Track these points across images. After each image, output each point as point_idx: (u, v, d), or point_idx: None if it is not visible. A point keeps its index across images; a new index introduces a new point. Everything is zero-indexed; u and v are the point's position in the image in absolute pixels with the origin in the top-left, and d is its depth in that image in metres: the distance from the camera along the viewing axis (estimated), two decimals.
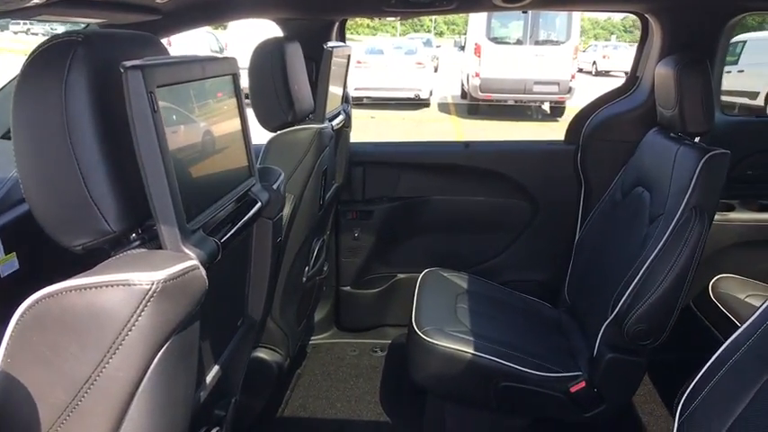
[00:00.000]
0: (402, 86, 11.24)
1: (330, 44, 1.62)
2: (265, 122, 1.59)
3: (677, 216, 1.50)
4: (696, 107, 1.58)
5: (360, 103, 11.57)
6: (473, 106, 10.99)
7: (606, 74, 21.54)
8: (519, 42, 10.30)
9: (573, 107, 11.23)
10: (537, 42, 10.23)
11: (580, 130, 2.16)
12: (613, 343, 1.61)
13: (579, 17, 10.53)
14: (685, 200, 1.49)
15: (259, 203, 0.98)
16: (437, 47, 21.32)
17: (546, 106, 11.34)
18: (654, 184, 1.68)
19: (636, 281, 1.53)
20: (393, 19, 2.09)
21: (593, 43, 25.35)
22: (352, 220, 2.31)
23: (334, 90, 1.80)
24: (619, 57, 21.96)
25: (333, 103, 1.79)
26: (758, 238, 2.04)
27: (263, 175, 1.10)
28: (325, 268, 1.98)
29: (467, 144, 2.27)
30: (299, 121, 1.61)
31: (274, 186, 1.08)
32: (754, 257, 2.07)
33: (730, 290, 1.92)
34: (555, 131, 9.66)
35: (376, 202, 2.31)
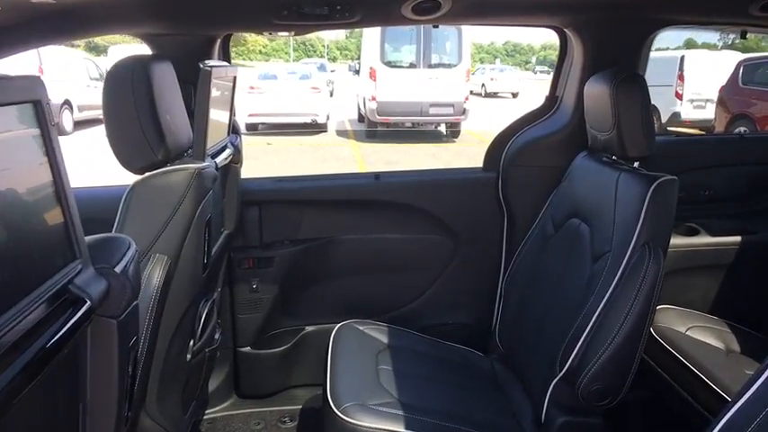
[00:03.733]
0: (298, 112, 10.99)
1: (208, 63, 1.29)
2: (127, 163, 1.22)
3: (628, 254, 1.31)
4: (636, 129, 1.42)
5: (255, 130, 11.17)
6: (371, 129, 10.90)
7: (495, 95, 22.54)
8: (413, 66, 10.42)
9: (476, 131, 11.52)
10: (430, 66, 10.41)
11: (499, 156, 1.97)
12: (564, 404, 1.39)
13: (469, 41, 10.84)
14: (635, 235, 1.31)
15: (88, 304, 0.64)
16: (332, 71, 21.30)
17: (442, 128, 11.51)
18: (593, 217, 1.49)
19: (587, 332, 1.32)
20: (285, 35, 1.78)
21: (480, 66, 26.49)
22: (248, 269, 1.96)
23: (219, 119, 1.47)
24: (505, 79, 23.17)
25: (217, 135, 1.45)
26: (689, 264, 1.94)
27: (101, 251, 0.74)
28: (217, 336, 1.62)
29: (377, 176, 2.01)
30: (173, 159, 1.26)
31: (119, 268, 0.73)
32: (686, 285, 1.96)
33: (670, 323, 1.78)
34: (451, 152, 9.77)
35: (276, 246, 1.98)
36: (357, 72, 12.22)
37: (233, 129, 1.69)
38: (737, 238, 1.99)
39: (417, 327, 2.05)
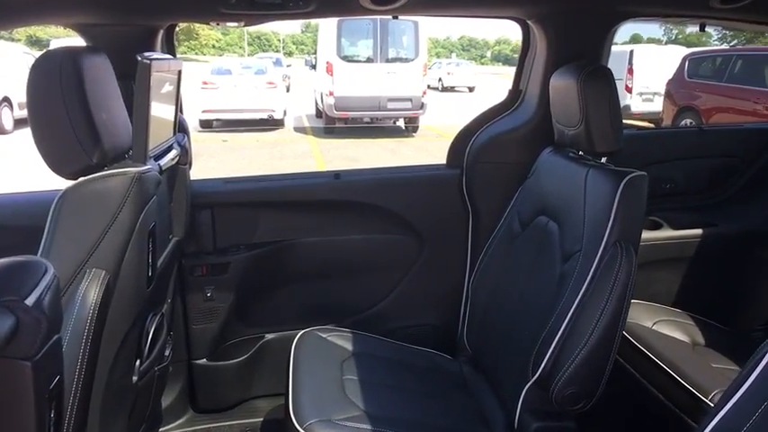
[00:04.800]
0: (254, 107, 10.77)
1: (148, 55, 1.17)
2: (57, 167, 1.10)
3: (600, 253, 1.26)
4: (604, 123, 1.37)
5: (209, 126, 10.90)
6: (329, 125, 10.77)
7: (452, 89, 22.68)
8: (370, 60, 10.34)
9: (435, 125, 11.52)
10: (387, 60, 10.35)
11: (463, 153, 1.91)
12: (538, 409, 1.34)
13: (426, 35, 10.82)
14: (607, 234, 1.26)
15: None
16: (288, 66, 20.98)
17: (401, 122, 11.48)
18: (562, 214, 1.45)
19: (559, 335, 1.27)
20: (235, 25, 1.67)
21: (437, 61, 26.63)
22: (201, 276, 1.85)
23: (163, 117, 1.35)
24: (461, 73, 23.36)
25: (161, 135, 1.34)
26: (653, 258, 1.92)
27: (7, 279, 0.63)
28: (167, 352, 1.50)
29: (337, 175, 1.91)
30: (110, 162, 1.14)
31: (31, 299, 0.62)
32: (650, 279, 1.94)
33: (637, 318, 1.76)
34: (411, 147, 9.74)
35: (231, 251, 1.87)
36: (314, 67, 12.05)
37: (180, 127, 1.57)
38: (699, 231, 1.99)
39: (382, 330, 1.98)
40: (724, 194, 2.14)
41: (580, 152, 1.51)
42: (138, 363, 1.28)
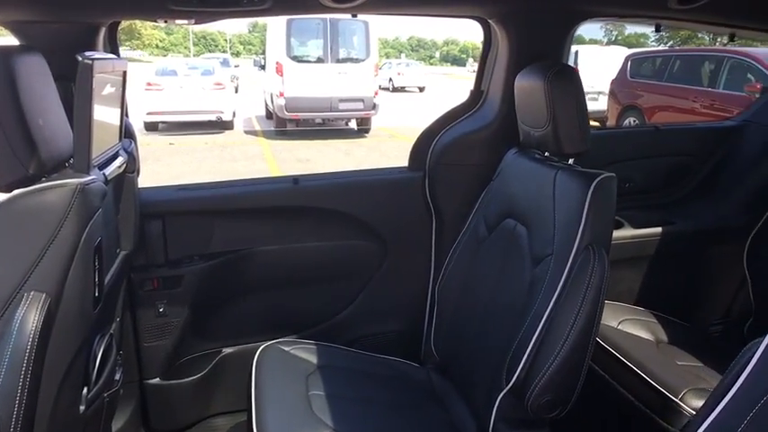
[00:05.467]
0: (202, 109, 10.50)
1: (89, 55, 1.07)
2: None
3: (572, 257, 1.24)
4: (572, 124, 1.35)
5: (155, 129, 10.56)
6: (280, 126, 10.60)
7: (403, 90, 22.77)
8: (320, 60, 10.23)
9: (388, 126, 11.50)
10: (338, 60, 10.26)
11: (425, 155, 1.86)
12: (512, 417, 1.31)
13: (376, 35, 10.79)
14: (578, 237, 1.24)
15: None
16: (235, 66, 20.58)
17: (353, 123, 11.42)
18: (530, 217, 1.42)
19: (533, 341, 1.24)
20: (184, 23, 1.56)
21: (387, 61, 26.69)
22: (153, 291, 1.73)
23: (107, 122, 1.24)
24: (412, 73, 23.49)
25: (105, 141, 1.23)
26: (615, 257, 1.92)
27: None
28: (117, 376, 1.39)
29: (296, 180, 1.84)
30: (49, 172, 1.04)
31: None
32: (613, 278, 1.93)
33: (603, 318, 1.75)
34: (364, 148, 9.69)
35: (184, 263, 1.76)
36: (263, 67, 11.84)
37: (126, 132, 1.46)
38: (658, 230, 2.01)
39: (347, 339, 1.92)
40: (680, 192, 2.18)
41: (546, 153, 1.49)
42: (85, 391, 1.18)
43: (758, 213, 1.87)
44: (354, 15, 1.67)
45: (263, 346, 1.62)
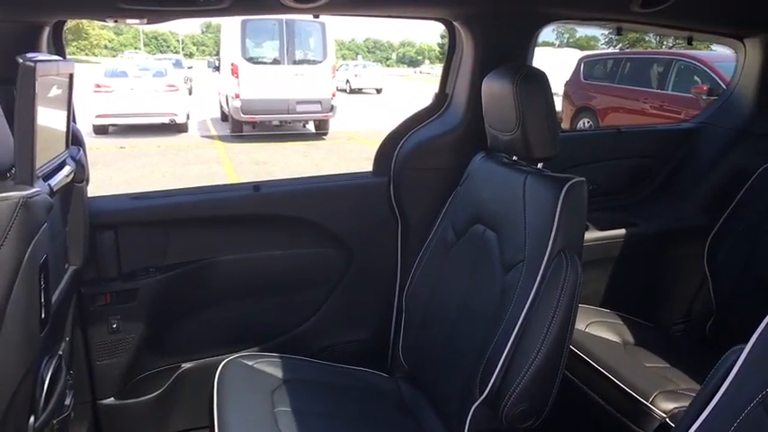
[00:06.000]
0: (154, 111, 10.20)
1: (32, 56, 0.98)
2: None
3: (544, 263, 1.21)
4: (542, 128, 1.33)
5: (105, 133, 10.21)
6: (237, 129, 10.41)
7: (360, 91, 22.75)
8: (276, 62, 10.10)
9: (345, 127, 11.42)
10: (295, 62, 10.15)
11: (390, 159, 1.82)
12: (486, 428, 1.28)
13: (333, 37, 10.72)
14: (550, 243, 1.22)
15: None
16: (189, 68, 20.12)
17: (311, 125, 11.31)
18: (500, 223, 1.39)
19: (507, 350, 1.21)
20: (136, 23, 1.48)
21: (343, 63, 26.62)
22: (105, 306, 1.63)
23: (52, 128, 1.15)
24: (369, 75, 23.49)
25: (51, 150, 1.14)
26: (583, 260, 1.93)
27: None
28: (68, 400, 1.29)
29: (257, 186, 1.77)
30: None
31: None
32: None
33: None
34: (323, 150, 9.61)
35: (139, 275, 1.67)
36: (217, 69, 11.59)
37: (74, 139, 1.36)
38: (622, 231, 2.03)
39: (312, 350, 1.86)
40: (642, 194, 2.21)
41: (514, 157, 1.47)
42: (32, 420, 1.08)
43: (717, 214, 1.90)
44: (316, 16, 1.62)
45: (225, 361, 1.55)
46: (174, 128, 10.63)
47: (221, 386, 1.44)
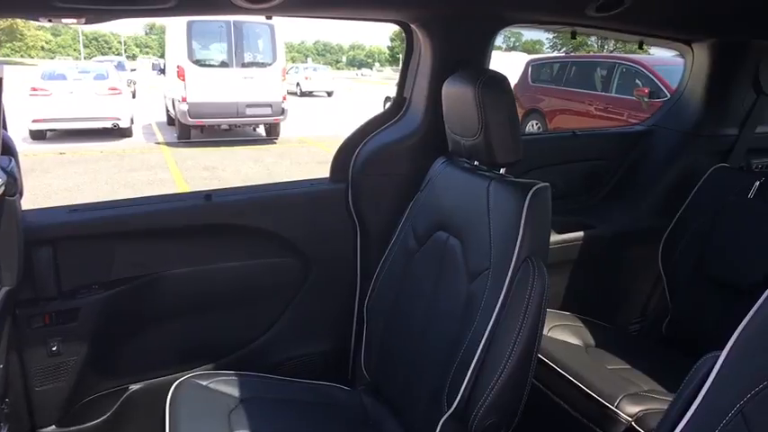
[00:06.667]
0: (96, 115, 9.81)
1: None
2: None
3: (510, 271, 1.19)
4: (504, 133, 1.31)
5: (42, 138, 9.74)
6: (184, 133, 10.11)
7: (310, 94, 22.56)
8: (225, 65, 9.86)
9: (297, 131, 11.27)
10: (243, 64, 9.94)
11: (347, 165, 1.77)
12: None
13: (283, 39, 10.57)
14: (516, 250, 1.19)
15: None
16: (132, 70, 19.50)
17: (261, 129, 11.12)
18: (464, 230, 1.36)
19: (475, 361, 1.18)
20: (73, 22, 1.37)
21: (293, 65, 26.36)
22: (43, 327, 1.51)
23: None
24: (319, 78, 23.32)
25: None
26: None
27: None
28: (3, 431, 1.18)
29: (208, 195, 1.68)
30: None
31: None
32: None
33: None
34: (273, 154, 9.45)
35: (81, 293, 1.56)
36: (162, 71, 11.25)
37: (5, 148, 1.25)
38: (580, 234, 2.04)
39: (270, 364, 1.79)
40: (598, 196, 2.23)
41: (476, 162, 1.44)
42: None
43: (670, 214, 1.93)
44: (269, 17, 1.55)
45: (177, 381, 1.46)
46: (118, 132, 10.25)
47: (174, 408, 1.36)
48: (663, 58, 8.39)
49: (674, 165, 2.15)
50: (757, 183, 1.75)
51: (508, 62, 11.72)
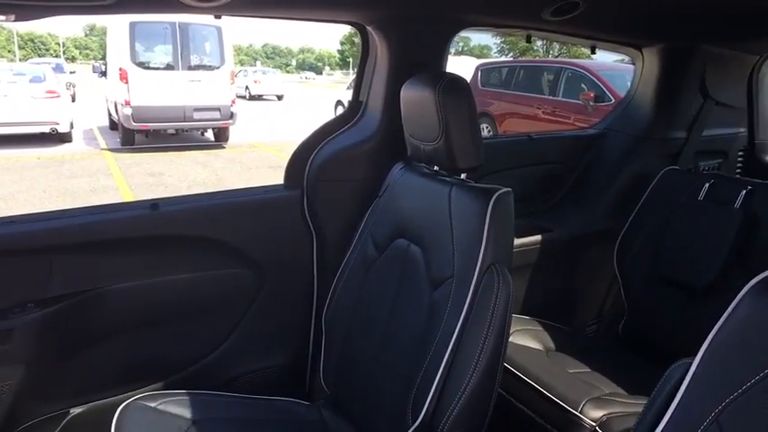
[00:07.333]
0: (32, 120, 9.35)
1: None
2: None
3: (474, 278, 1.16)
4: (465, 138, 1.28)
5: None
6: (127, 138, 9.74)
7: (260, 98, 22.23)
8: (170, 67, 9.58)
9: (247, 136, 11.04)
10: (190, 67, 9.69)
11: (302, 171, 1.71)
12: None
13: (231, 42, 10.35)
14: (480, 257, 1.17)
15: None
16: (71, 73, 18.73)
17: (210, 134, 10.86)
18: (425, 237, 1.32)
19: (440, 372, 1.14)
20: (2, 19, 1.26)
21: (242, 69, 25.95)
22: None
23: None
24: (269, 81, 23.02)
25: None
26: None
27: None
28: None
29: (155, 204, 1.58)
30: None
31: None
32: None
33: None
34: (223, 159, 9.24)
35: (14, 313, 1.44)
36: (104, 74, 10.82)
37: None
38: (538, 237, 2.04)
39: (223, 381, 1.70)
40: (554, 199, 2.24)
41: (435, 168, 1.41)
42: None
43: (624, 216, 1.96)
44: (218, 17, 1.48)
45: (124, 404, 1.36)
46: (57, 138, 9.79)
47: (119, 431, 1.26)
48: (606, 63, 8.67)
49: (626, 167, 2.18)
50: (707, 185, 1.79)
51: (458, 66, 11.85)
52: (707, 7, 1.62)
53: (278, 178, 1.78)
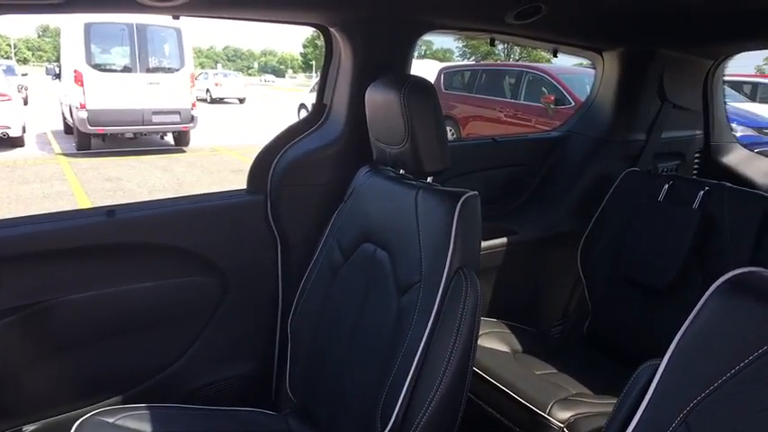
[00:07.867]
0: None
1: None
2: None
3: (443, 283, 1.15)
4: (431, 141, 1.27)
5: None
6: (83, 142, 9.45)
7: (221, 101, 21.92)
8: (128, 70, 9.34)
9: (208, 140, 10.84)
10: (149, 70, 9.46)
11: (266, 175, 1.67)
12: None
13: (190, 44, 10.17)
14: (448, 261, 1.16)
15: None
16: (23, 75, 18.10)
17: (169, 137, 10.64)
18: (392, 242, 1.31)
19: (409, 378, 1.13)
20: None
21: (203, 71, 25.54)
22: None
23: None
24: (230, 84, 22.71)
25: None
26: None
27: None
28: None
29: (111, 211, 1.52)
30: None
31: None
32: None
33: None
34: (183, 163, 9.06)
35: None
36: (58, 76, 10.48)
37: None
38: (503, 240, 2.05)
39: (185, 393, 1.65)
40: (518, 202, 2.26)
41: (401, 171, 1.40)
42: None
43: (587, 218, 1.98)
44: (176, 17, 1.43)
45: (80, 420, 1.30)
46: (7, 142, 9.43)
47: None
48: (566, 67, 8.84)
49: (588, 169, 2.21)
50: (666, 186, 1.83)
51: (421, 70, 11.92)
52: (665, 12, 1.66)
53: (241, 183, 1.73)
